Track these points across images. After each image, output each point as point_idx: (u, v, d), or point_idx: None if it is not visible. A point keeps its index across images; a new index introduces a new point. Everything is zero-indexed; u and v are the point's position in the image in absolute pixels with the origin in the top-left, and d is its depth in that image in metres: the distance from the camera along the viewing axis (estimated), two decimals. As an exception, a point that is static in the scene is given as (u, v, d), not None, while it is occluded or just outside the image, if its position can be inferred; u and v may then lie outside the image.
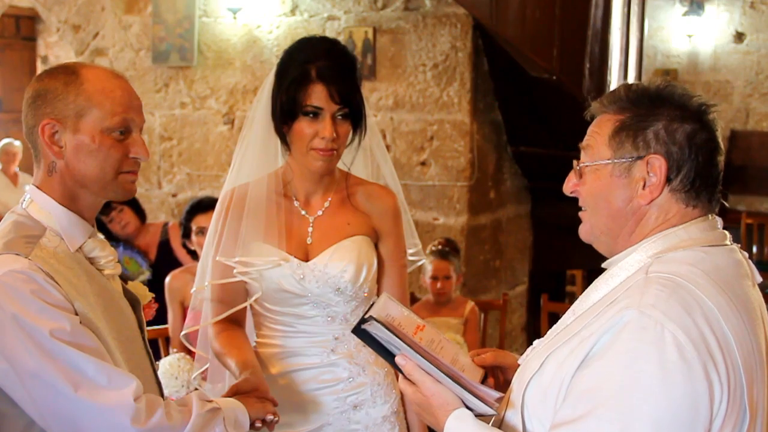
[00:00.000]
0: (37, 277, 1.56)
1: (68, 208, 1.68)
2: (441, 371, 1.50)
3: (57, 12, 6.50)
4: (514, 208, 5.64)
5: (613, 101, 1.49)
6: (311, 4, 5.47)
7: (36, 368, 1.54)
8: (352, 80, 2.10)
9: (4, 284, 1.54)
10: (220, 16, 5.78)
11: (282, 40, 5.53)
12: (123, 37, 6.20)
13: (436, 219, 5.22)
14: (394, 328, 1.52)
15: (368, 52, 5.25)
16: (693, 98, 1.47)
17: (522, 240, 5.75)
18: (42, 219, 1.66)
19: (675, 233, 1.44)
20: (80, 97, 1.64)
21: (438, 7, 5.07)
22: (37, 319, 1.54)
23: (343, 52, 2.14)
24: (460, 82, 5.06)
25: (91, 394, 1.56)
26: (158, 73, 6.04)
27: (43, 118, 1.64)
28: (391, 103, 5.26)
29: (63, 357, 1.55)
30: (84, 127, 1.64)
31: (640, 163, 1.43)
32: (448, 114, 5.12)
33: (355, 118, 2.12)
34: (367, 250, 2.16)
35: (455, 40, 5.04)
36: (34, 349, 1.54)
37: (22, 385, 1.56)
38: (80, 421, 1.57)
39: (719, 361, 1.31)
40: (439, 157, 5.17)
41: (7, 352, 1.55)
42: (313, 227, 2.17)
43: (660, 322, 1.30)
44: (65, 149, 1.65)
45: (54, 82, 1.67)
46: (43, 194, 1.68)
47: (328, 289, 2.12)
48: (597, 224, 1.51)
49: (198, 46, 5.83)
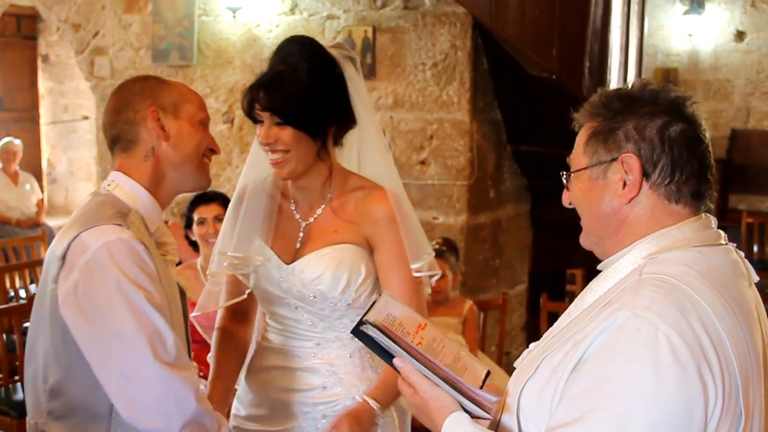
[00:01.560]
0: (139, 247, 1.73)
1: (151, 192, 1.86)
2: (437, 375, 1.50)
3: (57, 11, 6.49)
4: (513, 207, 5.63)
5: (588, 109, 1.51)
6: (311, 3, 5.47)
7: (124, 328, 1.67)
8: (286, 86, 2.02)
9: (111, 250, 1.69)
10: (219, 15, 5.78)
11: (281, 38, 5.50)
12: (123, 35, 6.19)
13: (435, 218, 5.21)
14: (391, 331, 1.52)
15: (368, 51, 5.25)
16: (666, 93, 1.46)
17: (522, 239, 5.74)
18: (128, 201, 1.83)
19: (669, 233, 1.43)
20: (174, 92, 1.90)
21: (437, 6, 5.06)
22: (137, 284, 1.69)
23: (288, 56, 2.07)
24: (459, 81, 5.05)
25: (167, 362, 1.70)
26: (158, 72, 6.03)
27: (149, 106, 1.86)
28: (391, 102, 5.25)
29: (152, 322, 1.69)
30: (183, 115, 1.88)
31: (615, 164, 1.44)
32: (448, 113, 5.11)
33: (301, 126, 2.03)
34: (352, 259, 2.10)
35: (455, 39, 5.03)
36: (129, 311, 1.68)
37: (102, 344, 1.69)
38: (147, 386, 1.69)
39: (714, 363, 1.30)
40: (438, 156, 5.16)
41: (99, 312, 1.68)
42: (304, 232, 2.15)
43: (654, 323, 1.29)
44: (169, 132, 1.86)
45: (146, 83, 1.92)
46: (129, 179, 1.85)
47: (306, 295, 2.10)
48: (586, 228, 1.53)
49: (198, 45, 5.83)
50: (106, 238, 1.70)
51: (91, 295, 1.69)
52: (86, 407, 1.76)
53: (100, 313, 1.68)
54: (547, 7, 4.67)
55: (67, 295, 1.70)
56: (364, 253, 2.12)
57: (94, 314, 1.69)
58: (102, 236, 1.70)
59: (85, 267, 1.69)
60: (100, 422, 1.76)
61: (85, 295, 1.69)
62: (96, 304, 1.69)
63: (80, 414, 1.77)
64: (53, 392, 1.77)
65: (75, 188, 10.39)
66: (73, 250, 1.71)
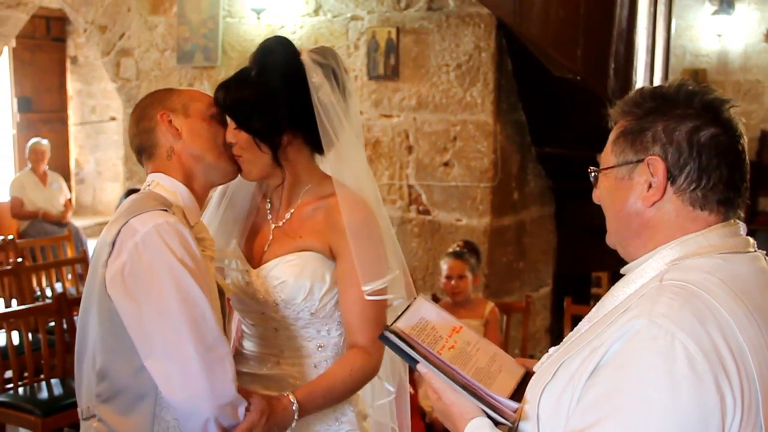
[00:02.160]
0: (185, 231, 1.80)
1: (188, 188, 1.94)
2: (456, 382, 1.49)
3: (84, 13, 6.55)
4: (538, 209, 5.60)
5: (621, 106, 1.48)
6: (335, 5, 5.47)
7: (169, 306, 1.73)
8: (239, 88, 1.97)
9: (159, 231, 1.76)
10: (244, 16, 5.80)
11: (305, 40, 5.53)
12: (148, 37, 6.24)
13: (458, 220, 5.19)
14: (411, 339, 1.53)
15: (391, 52, 5.24)
16: (702, 95, 1.42)
17: (546, 241, 5.70)
18: (169, 196, 1.91)
19: (693, 239, 1.39)
20: (183, 95, 1.99)
21: (461, 7, 5.04)
22: (184, 264, 1.75)
23: (253, 57, 2.02)
24: (483, 83, 5.03)
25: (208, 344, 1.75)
26: (183, 74, 6.07)
27: (158, 111, 1.95)
28: (414, 103, 5.24)
29: (197, 303, 1.75)
30: (193, 112, 1.96)
31: (641, 165, 1.41)
32: (472, 114, 5.09)
33: (252, 129, 1.97)
34: (314, 268, 2.01)
35: (479, 40, 5.01)
36: (175, 290, 1.73)
37: (147, 322, 1.74)
38: (187, 364, 1.73)
39: (732, 373, 1.26)
40: (462, 157, 5.14)
41: (145, 291, 1.74)
42: (273, 235, 2.09)
43: (671, 332, 1.26)
44: (182, 131, 1.94)
45: (154, 93, 2.04)
46: (166, 176, 1.94)
47: (269, 301, 2.04)
48: (609, 228, 1.50)
49: (222, 47, 5.85)
50: (155, 221, 1.78)
51: (138, 274, 1.75)
52: (132, 388, 1.82)
53: (147, 291, 1.74)
54: (571, 8, 4.63)
55: (114, 276, 1.77)
56: (329, 262, 2.03)
57: (141, 293, 1.74)
58: (150, 220, 1.78)
59: (133, 249, 1.76)
60: (145, 403, 1.82)
61: (132, 275, 1.75)
62: (143, 283, 1.75)
63: (126, 395, 1.82)
64: (101, 375, 1.84)
65: (102, 188, 10.49)
66: (123, 234, 1.79)
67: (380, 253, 2.04)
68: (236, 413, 1.79)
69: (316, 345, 2.07)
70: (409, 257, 5.28)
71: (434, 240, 5.27)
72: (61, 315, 4.16)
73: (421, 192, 5.29)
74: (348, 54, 5.42)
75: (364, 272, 1.99)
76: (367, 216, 2.03)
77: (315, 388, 1.98)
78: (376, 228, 2.04)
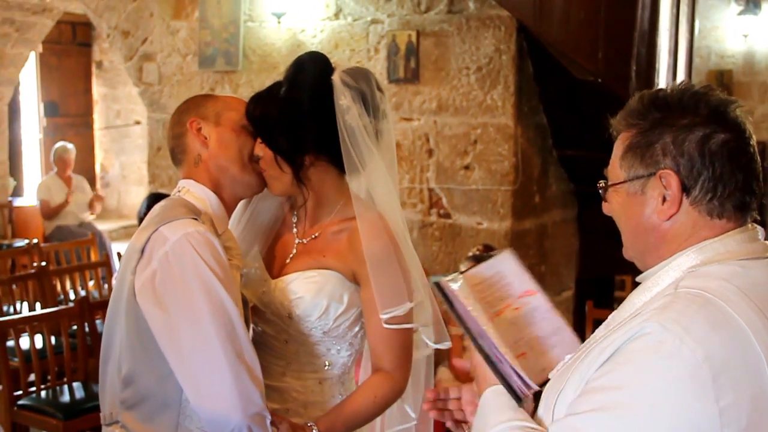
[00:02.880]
0: (215, 240, 1.81)
1: (217, 196, 1.95)
2: (480, 348, 1.49)
3: (107, 18, 6.61)
4: (559, 212, 5.56)
5: (624, 116, 1.44)
6: (355, 8, 5.47)
7: (199, 315, 1.73)
8: (267, 103, 1.95)
9: (192, 240, 1.77)
10: (264, 20, 5.82)
11: (326, 44, 5.54)
12: (171, 42, 6.28)
13: (479, 223, 5.17)
14: (455, 297, 1.52)
15: (411, 55, 5.23)
16: (707, 99, 1.38)
17: (568, 245, 5.66)
18: (198, 204, 1.91)
19: (710, 246, 1.37)
20: (218, 104, 1.99)
21: (481, 9, 5.03)
22: (215, 273, 1.76)
23: (290, 73, 1.98)
24: (503, 85, 5.00)
25: (237, 352, 1.75)
26: (204, 78, 6.11)
27: (190, 117, 1.96)
28: (435, 106, 5.23)
29: (227, 311, 1.75)
30: (224, 122, 1.96)
31: (653, 179, 1.38)
32: (492, 117, 5.07)
33: (276, 146, 1.95)
34: (333, 288, 1.98)
35: (499, 43, 4.99)
36: (206, 298, 1.74)
37: (176, 330, 1.74)
38: (216, 372, 1.73)
39: (742, 384, 1.24)
40: (482, 160, 5.12)
41: (175, 299, 1.75)
42: (296, 249, 2.06)
43: (679, 337, 1.24)
44: (210, 140, 1.94)
45: (194, 99, 2.05)
46: (197, 184, 1.95)
47: (282, 314, 2.01)
48: (626, 242, 1.48)
49: (243, 51, 5.87)
50: (185, 230, 1.78)
51: (168, 283, 1.75)
52: (156, 396, 1.82)
53: (177, 299, 1.75)
54: (592, 10, 4.60)
55: (144, 284, 1.77)
56: (349, 284, 2.00)
57: (171, 301, 1.75)
58: (181, 228, 1.79)
59: (164, 257, 1.77)
60: (169, 412, 1.82)
61: (162, 284, 1.76)
62: (173, 291, 1.75)
63: (150, 403, 1.83)
64: (126, 381, 1.84)
65: (127, 191, 10.58)
66: (153, 242, 1.79)
67: (400, 281, 1.97)
68: (265, 424, 1.77)
69: (324, 362, 2.05)
70: (429, 261, 5.26)
71: (455, 244, 5.25)
72: (83, 319, 4.19)
73: (442, 195, 5.27)
74: (368, 57, 5.41)
75: (383, 300, 1.95)
76: (387, 243, 1.96)
77: (338, 417, 1.95)
78: (396, 255, 1.97)
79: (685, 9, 4.95)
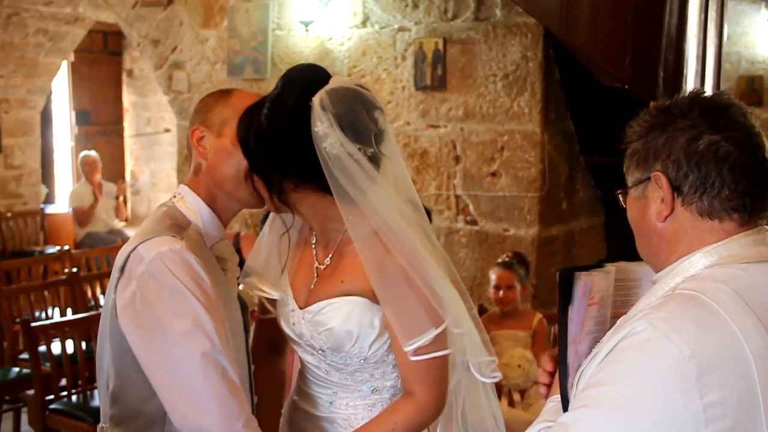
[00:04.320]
0: (190, 257, 1.75)
1: (210, 207, 1.89)
2: (565, 359, 1.45)
3: (138, 27, 6.70)
4: (587, 219, 5.54)
5: (632, 125, 1.49)
6: (382, 16, 5.50)
7: (175, 333, 1.70)
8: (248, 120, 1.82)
9: (165, 259, 1.73)
10: (292, 29, 5.86)
11: (353, 51, 5.57)
12: (200, 50, 6.34)
13: (506, 230, 5.16)
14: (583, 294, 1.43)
15: (438, 62, 5.25)
16: (701, 103, 1.42)
17: (595, 252, 5.63)
18: (189, 215, 1.87)
19: (714, 250, 1.39)
20: (227, 108, 1.87)
21: (508, 17, 5.03)
22: (191, 291, 1.72)
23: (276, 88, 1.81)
24: (530, 92, 5.00)
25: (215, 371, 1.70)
26: (233, 86, 6.16)
27: (194, 124, 1.90)
28: (462, 113, 5.24)
29: (205, 330, 1.71)
30: (227, 133, 1.86)
31: (650, 183, 1.43)
32: (519, 124, 5.07)
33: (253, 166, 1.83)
34: (360, 315, 1.83)
35: (526, 50, 4.99)
36: (180, 317, 1.70)
37: (153, 349, 1.72)
38: (193, 391, 1.69)
39: (729, 383, 1.25)
40: (509, 167, 5.12)
41: (153, 318, 1.71)
42: (318, 276, 1.93)
43: (666, 335, 1.26)
44: (209, 150, 1.87)
45: (210, 98, 1.94)
46: (192, 193, 1.89)
47: (316, 345, 1.90)
48: (637, 246, 1.52)
49: (271, 59, 5.92)
50: (159, 248, 1.75)
51: (147, 303, 1.73)
52: (143, 414, 1.81)
53: (154, 319, 1.72)
54: (619, 16, 4.58)
55: (125, 305, 1.75)
56: (376, 307, 1.83)
57: (148, 321, 1.73)
58: (155, 247, 1.75)
59: (141, 277, 1.74)
60: (155, 430, 1.81)
61: (142, 303, 1.73)
62: (151, 311, 1.72)
63: (137, 421, 1.82)
64: (113, 398, 1.83)
65: (157, 199, 10.67)
66: (132, 260, 1.76)
67: (417, 306, 1.78)
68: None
69: (370, 388, 1.93)
70: (456, 267, 5.25)
71: (482, 250, 5.25)
72: (113, 324, 4.24)
73: (469, 202, 5.28)
74: (395, 65, 5.44)
75: (402, 330, 1.78)
76: (388, 265, 1.79)
77: None
78: (405, 277, 1.78)
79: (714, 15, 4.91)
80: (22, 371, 4.64)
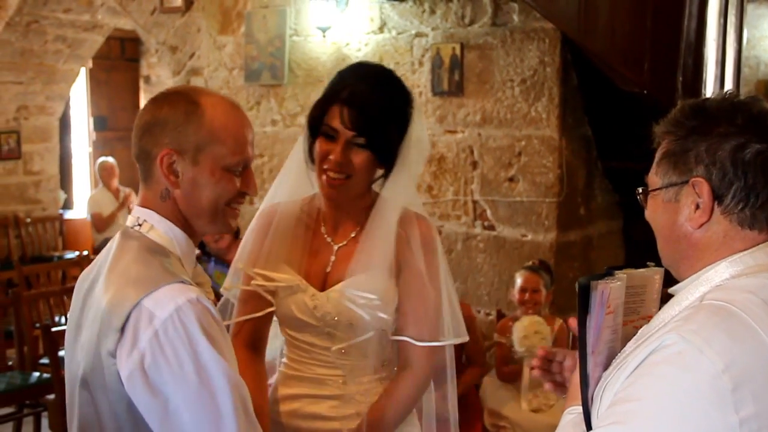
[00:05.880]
0: (209, 305, 1.56)
1: (184, 232, 1.68)
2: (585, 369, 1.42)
3: (156, 34, 6.73)
4: (605, 224, 5.52)
5: (665, 123, 1.45)
6: (399, 21, 5.50)
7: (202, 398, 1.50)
8: (380, 110, 1.96)
9: (182, 318, 1.51)
10: (310, 34, 5.88)
11: (370, 57, 5.57)
12: (217, 57, 6.37)
13: (524, 235, 5.15)
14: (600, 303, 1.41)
15: (456, 68, 5.25)
16: (747, 108, 1.38)
17: (614, 257, 5.60)
18: (165, 244, 1.64)
19: (740, 259, 1.36)
20: (202, 131, 1.61)
21: (526, 22, 5.03)
22: (216, 345, 1.52)
23: (383, 81, 2.02)
24: (548, 97, 4.99)
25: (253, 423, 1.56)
26: (250, 92, 6.18)
27: (163, 148, 1.62)
28: (479, 118, 5.23)
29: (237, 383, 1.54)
30: (204, 160, 1.62)
31: (686, 187, 1.39)
32: (537, 129, 5.06)
33: (379, 151, 1.98)
34: (386, 287, 1.99)
35: (543, 55, 4.98)
36: (208, 381, 1.50)
37: (180, 416, 1.50)
38: None
39: (763, 396, 1.23)
40: (527, 173, 5.11)
41: (172, 382, 1.50)
42: (336, 257, 2.05)
43: (699, 348, 1.23)
44: (182, 179, 1.63)
45: (174, 111, 1.63)
46: (161, 219, 1.65)
47: (341, 322, 2.00)
48: (660, 250, 1.49)
49: (288, 65, 5.94)
50: (175, 303, 1.52)
51: (161, 366, 1.50)
52: None
53: (174, 382, 1.51)
54: (638, 21, 4.57)
55: (132, 372, 1.51)
56: (392, 279, 2.02)
57: (167, 385, 1.51)
58: (169, 301, 1.52)
59: (153, 339, 1.50)
60: None
61: (153, 368, 1.50)
62: (169, 374, 1.50)
63: None
64: None
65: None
66: (136, 320, 1.52)
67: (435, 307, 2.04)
68: None
69: (380, 361, 2.07)
70: (474, 273, 5.26)
71: (499, 255, 5.24)
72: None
73: (486, 207, 5.27)
74: (412, 71, 5.44)
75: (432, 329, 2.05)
76: (429, 226, 2.09)
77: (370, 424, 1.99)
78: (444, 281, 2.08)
79: (733, 19, 4.89)
80: (42, 376, 4.68)
